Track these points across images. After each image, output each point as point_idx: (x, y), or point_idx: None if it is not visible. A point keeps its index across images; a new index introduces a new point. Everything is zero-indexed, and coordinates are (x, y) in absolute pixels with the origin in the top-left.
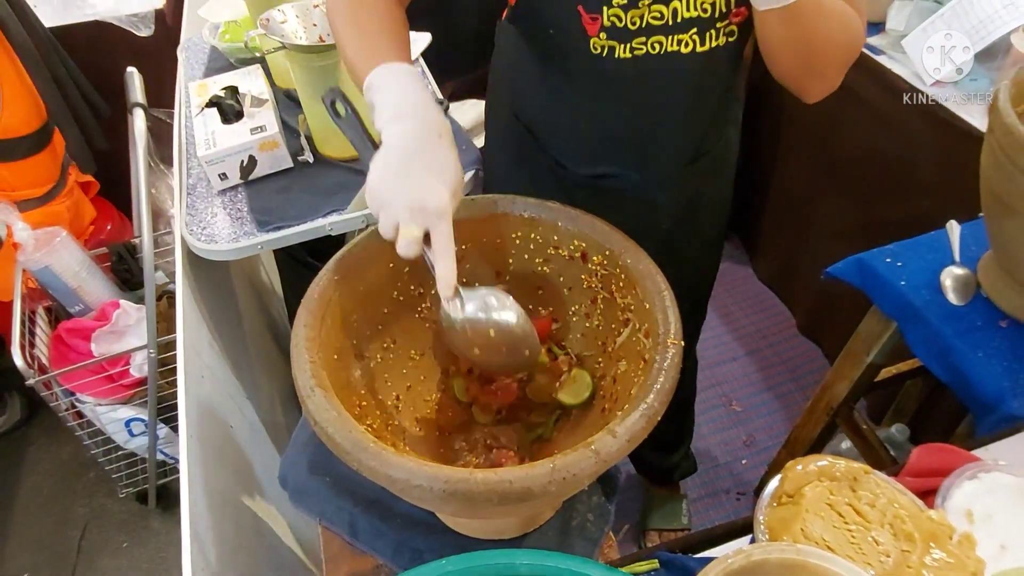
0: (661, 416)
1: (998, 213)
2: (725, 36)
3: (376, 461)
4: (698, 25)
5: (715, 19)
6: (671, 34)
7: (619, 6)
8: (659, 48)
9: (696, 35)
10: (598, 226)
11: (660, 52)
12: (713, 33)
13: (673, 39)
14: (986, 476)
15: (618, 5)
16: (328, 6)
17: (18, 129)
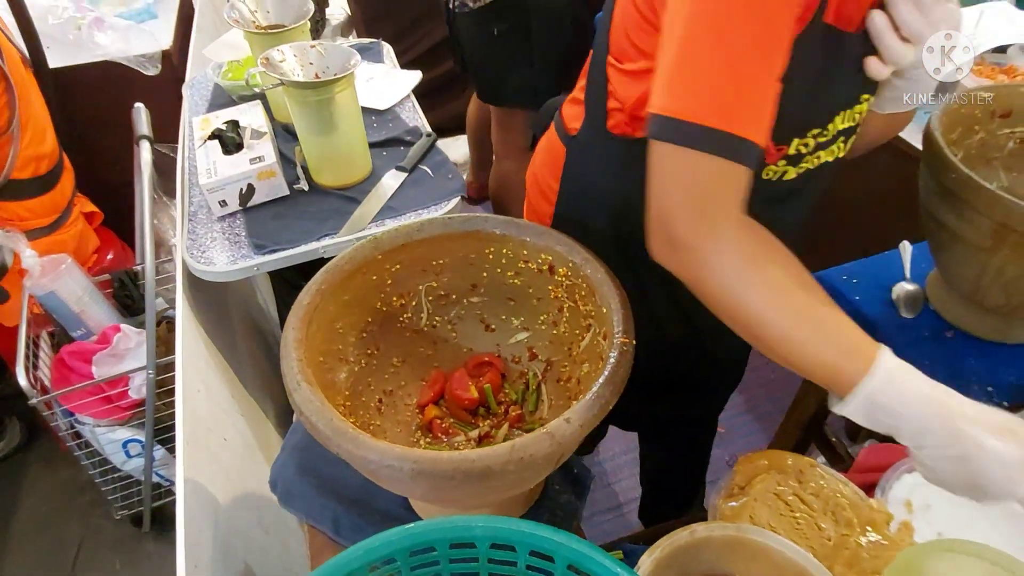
0: (612, 405)
1: (934, 231)
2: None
3: (353, 444)
4: (846, 134)
5: (857, 125)
6: (828, 147)
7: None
8: (818, 163)
9: (843, 142)
10: (563, 240)
11: (818, 166)
12: (854, 137)
13: (828, 151)
14: None
15: (811, 136)
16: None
17: (33, 170)
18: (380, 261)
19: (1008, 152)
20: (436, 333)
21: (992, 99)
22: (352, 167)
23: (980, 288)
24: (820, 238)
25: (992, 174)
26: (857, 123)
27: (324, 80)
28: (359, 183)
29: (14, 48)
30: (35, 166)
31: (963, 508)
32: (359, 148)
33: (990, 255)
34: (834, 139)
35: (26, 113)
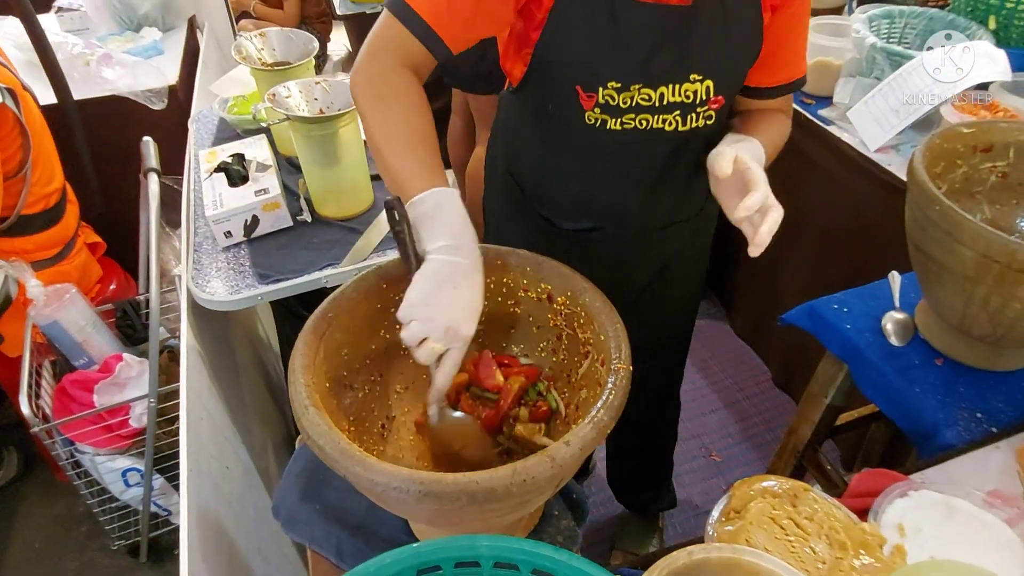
0: (610, 429)
1: (921, 262)
2: (704, 119)
3: (360, 467)
4: (681, 108)
5: (695, 105)
6: (657, 114)
7: (613, 88)
8: (646, 124)
9: (679, 116)
10: (561, 270)
11: (646, 128)
12: (693, 116)
13: (658, 118)
14: (915, 494)
15: (612, 88)
16: (353, 86)
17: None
18: (385, 290)
19: (991, 186)
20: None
21: (973, 134)
22: (354, 199)
23: (967, 318)
24: (811, 268)
25: (976, 207)
26: (694, 102)
27: (328, 115)
28: (361, 214)
29: (28, 93)
30: (44, 202)
31: (955, 531)
32: (361, 180)
33: (975, 286)
34: (664, 108)
35: (36, 152)
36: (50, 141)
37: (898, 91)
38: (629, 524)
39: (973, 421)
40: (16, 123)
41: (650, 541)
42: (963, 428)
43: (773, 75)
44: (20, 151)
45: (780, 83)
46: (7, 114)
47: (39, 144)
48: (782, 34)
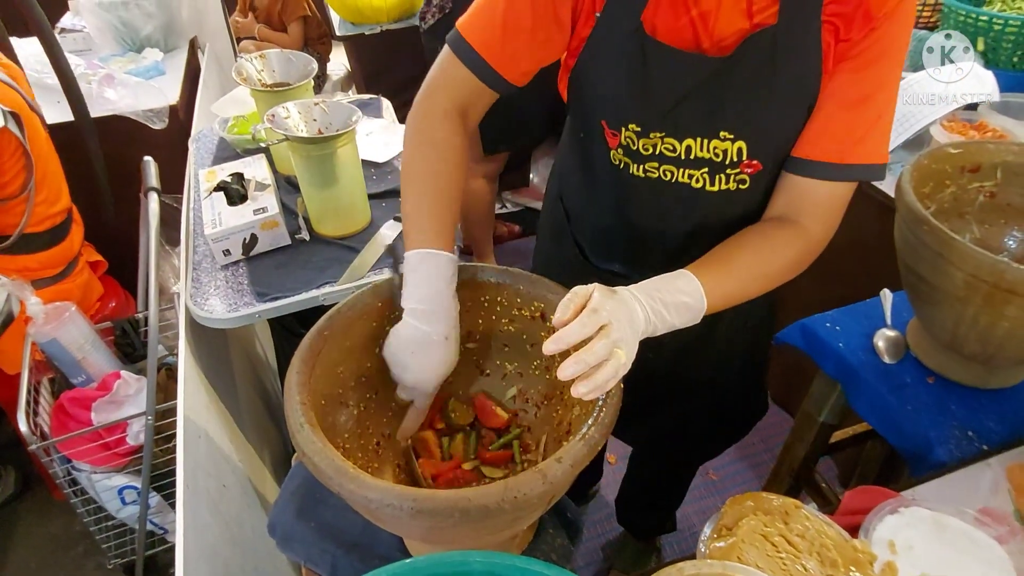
0: (601, 446)
1: (912, 281)
2: (736, 183)
3: (354, 484)
4: (709, 166)
5: (725, 165)
6: (682, 167)
7: (633, 132)
8: (671, 176)
9: (707, 174)
10: (554, 288)
11: (671, 180)
12: (723, 177)
13: (684, 172)
14: (906, 511)
15: (632, 131)
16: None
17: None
18: (380, 308)
19: (979, 206)
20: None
21: (960, 155)
22: (352, 217)
23: (957, 336)
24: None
25: (965, 227)
26: (723, 161)
27: (327, 136)
28: (358, 233)
29: (34, 114)
30: (49, 222)
31: (946, 548)
32: (359, 199)
33: (964, 305)
34: (691, 163)
35: (42, 172)
36: (57, 162)
37: None
38: (627, 545)
39: (964, 439)
40: (19, 146)
41: (648, 562)
42: (955, 446)
43: (815, 145)
44: (23, 172)
45: (817, 158)
46: (9, 137)
47: (44, 165)
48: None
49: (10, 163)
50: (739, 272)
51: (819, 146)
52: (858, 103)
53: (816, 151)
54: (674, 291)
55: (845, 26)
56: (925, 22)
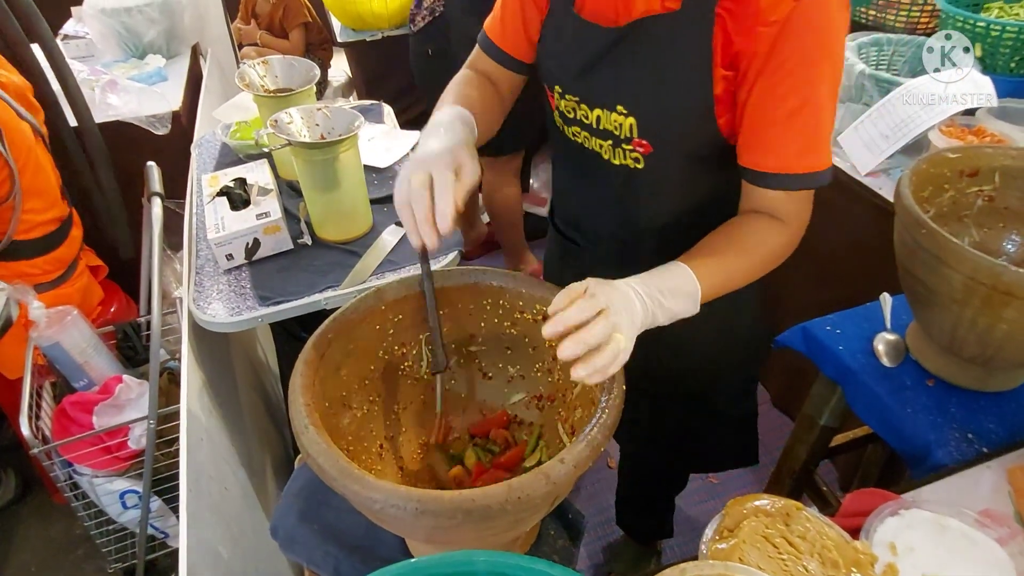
0: (603, 448)
1: (910, 284)
2: (632, 159)
3: (359, 485)
4: (612, 139)
5: (622, 140)
6: (594, 136)
7: (558, 93)
8: (588, 144)
9: (611, 146)
10: (556, 291)
11: (589, 148)
12: (621, 152)
13: (596, 141)
14: (907, 512)
15: (558, 92)
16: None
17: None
18: (383, 312)
19: (978, 209)
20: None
21: (959, 159)
22: (354, 222)
23: (956, 339)
24: (808, 290)
25: (964, 230)
26: (619, 136)
27: (329, 141)
28: (360, 237)
29: (23, 121)
30: (41, 230)
31: (946, 550)
32: (361, 204)
33: (963, 308)
34: (599, 133)
35: (34, 182)
36: (49, 170)
37: (887, 117)
38: (627, 549)
39: (964, 441)
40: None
41: (648, 565)
42: (955, 448)
43: (759, 158)
44: (7, 181)
45: (764, 170)
46: None
47: (34, 174)
48: (766, 107)
49: None
50: (726, 260)
51: (762, 159)
52: (788, 116)
53: (760, 163)
54: (668, 278)
55: (734, 23)
56: (924, 28)
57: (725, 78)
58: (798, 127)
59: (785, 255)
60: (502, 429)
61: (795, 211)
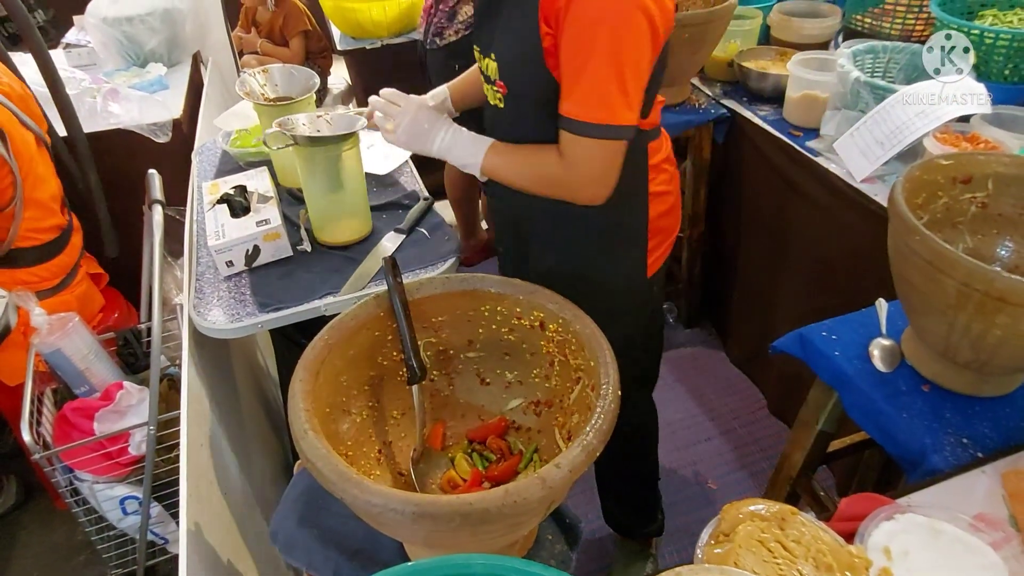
0: (599, 452)
1: (904, 289)
2: (497, 100)
3: (357, 489)
4: (492, 84)
5: (493, 81)
6: (487, 84)
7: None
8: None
9: (490, 90)
10: (553, 298)
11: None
12: (493, 93)
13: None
14: (901, 517)
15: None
16: None
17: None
18: (382, 318)
19: (971, 216)
20: (434, 386)
21: (952, 166)
22: (355, 224)
23: (950, 344)
24: (804, 296)
25: (958, 237)
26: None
27: (334, 135)
28: (360, 241)
29: (27, 131)
30: (41, 237)
31: (941, 554)
32: (361, 206)
33: (956, 313)
34: (487, 78)
35: (36, 190)
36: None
37: (882, 123)
38: (622, 551)
39: (959, 446)
40: (3, 163)
41: (643, 567)
42: (950, 453)
43: (561, 103)
44: (10, 188)
45: (560, 112)
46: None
47: (36, 183)
48: (565, 60)
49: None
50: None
51: (562, 104)
52: (576, 70)
53: (561, 107)
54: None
55: None
56: (919, 36)
57: (548, 33)
58: (584, 81)
59: (562, 191)
60: (499, 438)
61: (578, 156)
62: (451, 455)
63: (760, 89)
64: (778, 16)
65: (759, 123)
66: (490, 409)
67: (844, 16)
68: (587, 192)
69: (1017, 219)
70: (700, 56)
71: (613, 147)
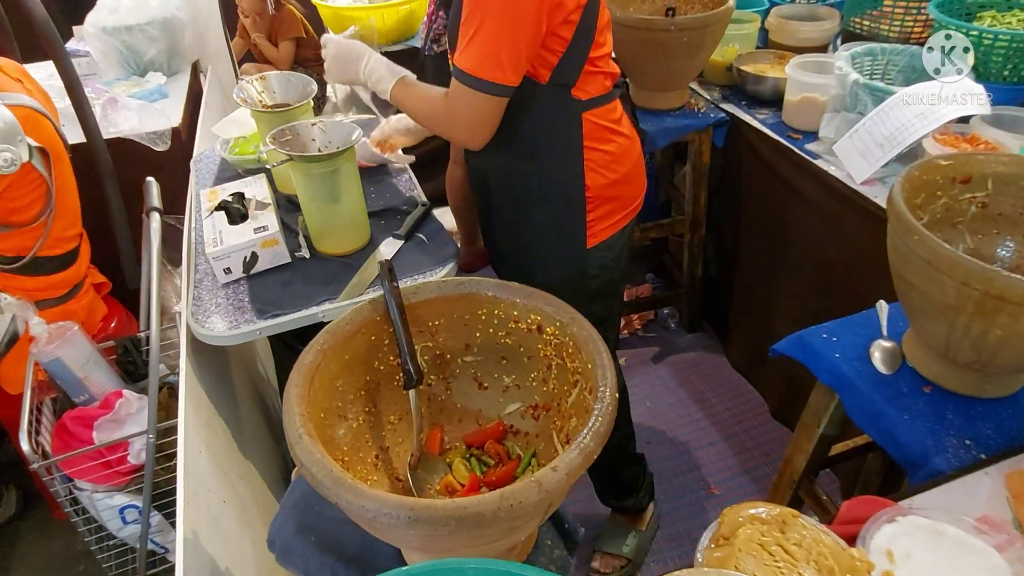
0: (597, 455)
1: (904, 290)
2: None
3: (352, 494)
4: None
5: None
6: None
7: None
8: None
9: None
10: (550, 300)
11: None
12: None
13: None
14: (904, 520)
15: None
16: None
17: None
18: (379, 322)
19: (971, 216)
20: (431, 391)
21: (951, 166)
22: (353, 235)
23: (951, 345)
24: (805, 299)
25: (958, 237)
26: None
27: (329, 153)
28: (358, 251)
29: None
30: (62, 247)
31: (944, 557)
32: (359, 216)
33: (956, 313)
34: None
35: (61, 200)
36: (75, 189)
37: (881, 125)
38: (607, 526)
39: (962, 448)
40: (41, 180)
41: (625, 541)
42: (952, 455)
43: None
44: (42, 199)
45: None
46: (32, 171)
47: (64, 195)
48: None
49: (29, 192)
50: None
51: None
52: (463, 25)
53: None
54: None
55: None
56: (917, 38)
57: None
58: (477, 38)
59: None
60: (496, 442)
61: (458, 101)
62: (449, 460)
63: (759, 92)
64: (776, 19)
65: (758, 127)
66: (488, 413)
67: (842, 19)
68: (462, 135)
69: (1017, 219)
70: (698, 60)
71: (490, 101)
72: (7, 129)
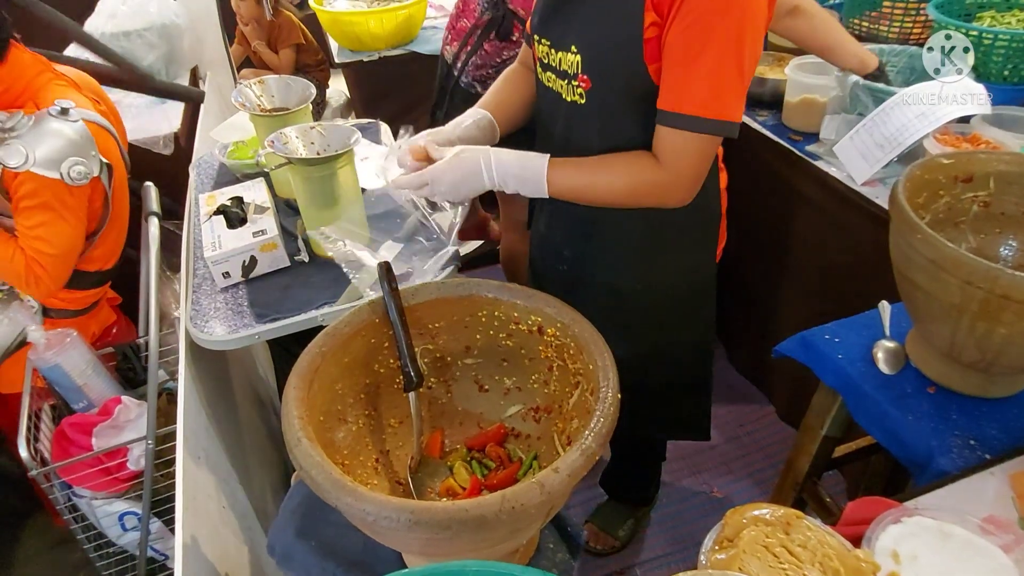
0: (598, 456)
1: (907, 289)
2: (577, 95)
3: (352, 497)
4: (566, 78)
5: (570, 76)
6: (557, 77)
7: (536, 39)
8: (554, 86)
9: (565, 84)
10: (551, 302)
11: (554, 89)
12: (571, 88)
13: (558, 82)
14: (909, 520)
15: (536, 39)
16: None
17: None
18: (378, 325)
19: (974, 215)
20: (432, 394)
21: (953, 165)
22: (352, 239)
23: (955, 345)
24: (807, 300)
25: (960, 236)
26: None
27: (327, 156)
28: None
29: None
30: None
31: (950, 557)
32: (358, 221)
33: (961, 313)
34: (561, 74)
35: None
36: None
37: (881, 126)
38: (606, 505)
39: (967, 448)
40: (103, 198)
41: (623, 525)
42: (957, 455)
43: (663, 97)
44: (101, 210)
45: (661, 107)
46: (98, 187)
47: (120, 211)
48: (674, 50)
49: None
50: (586, 169)
51: (663, 98)
52: (686, 60)
53: (662, 102)
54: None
55: None
56: (916, 39)
57: (654, 23)
58: (698, 72)
59: (657, 196)
60: (497, 445)
61: (676, 151)
62: (450, 463)
63: (758, 94)
64: None
65: (758, 128)
66: (489, 416)
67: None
68: (680, 194)
69: (1020, 218)
70: None
71: (715, 144)
72: (82, 142)
